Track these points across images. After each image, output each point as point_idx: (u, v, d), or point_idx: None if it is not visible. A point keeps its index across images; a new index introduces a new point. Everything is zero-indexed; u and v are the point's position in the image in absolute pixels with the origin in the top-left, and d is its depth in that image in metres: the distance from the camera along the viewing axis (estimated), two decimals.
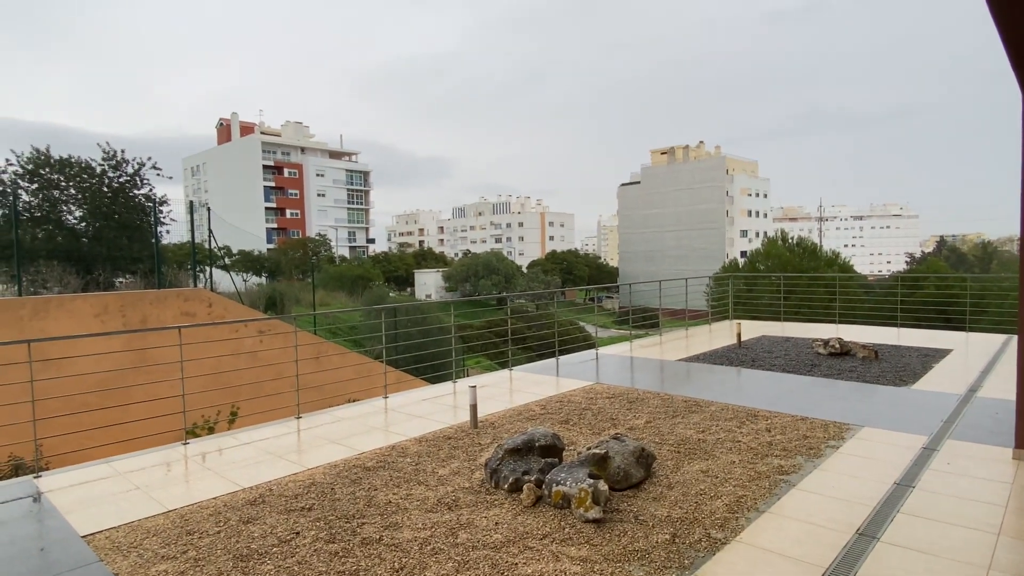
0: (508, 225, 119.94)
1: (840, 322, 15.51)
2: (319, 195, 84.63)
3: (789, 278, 22.39)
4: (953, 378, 8.93)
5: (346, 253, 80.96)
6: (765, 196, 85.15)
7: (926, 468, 5.36)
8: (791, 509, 4.57)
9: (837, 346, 10.87)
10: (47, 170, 22.14)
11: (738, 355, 11.20)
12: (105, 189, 22.84)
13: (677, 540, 4.10)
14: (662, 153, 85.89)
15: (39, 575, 3.89)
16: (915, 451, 5.80)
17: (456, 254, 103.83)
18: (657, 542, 4.08)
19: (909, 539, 4.07)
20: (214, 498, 5.11)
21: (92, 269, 20.88)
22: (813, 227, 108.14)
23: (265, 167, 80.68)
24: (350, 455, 6.15)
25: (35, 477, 5.75)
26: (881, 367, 9.82)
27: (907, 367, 9.77)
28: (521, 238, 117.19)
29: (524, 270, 75.85)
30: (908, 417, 6.97)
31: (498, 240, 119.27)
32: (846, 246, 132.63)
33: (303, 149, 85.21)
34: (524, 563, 3.83)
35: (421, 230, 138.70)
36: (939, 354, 10.78)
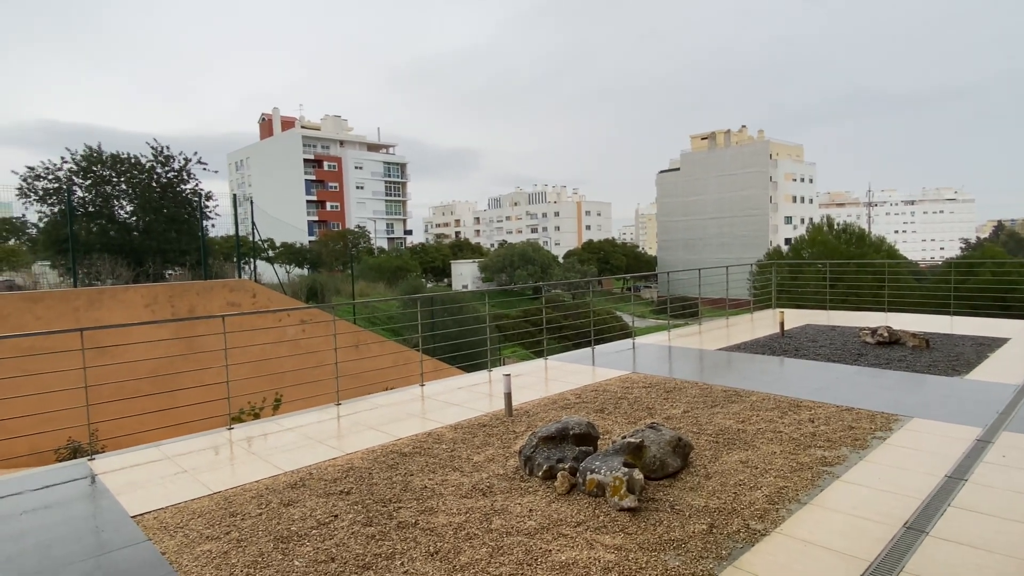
0: (544, 215, 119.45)
1: (889, 310, 14.96)
2: (358, 187, 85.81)
3: (835, 265, 21.71)
4: (1010, 368, 8.52)
5: (384, 245, 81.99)
6: (811, 181, 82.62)
7: (979, 461, 5.13)
8: (835, 501, 4.44)
9: (885, 335, 10.49)
10: (99, 167, 23.03)
11: (781, 344, 10.92)
12: (154, 184, 23.65)
13: (715, 530, 4.03)
14: (702, 139, 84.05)
15: (93, 553, 4.07)
16: (968, 443, 5.55)
17: (492, 245, 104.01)
18: (694, 532, 4.01)
19: (960, 534, 3.90)
20: (257, 481, 5.25)
21: (142, 261, 21.69)
22: (861, 213, 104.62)
23: (306, 161, 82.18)
24: (387, 441, 6.23)
25: (89, 460, 6.02)
26: (932, 356, 9.44)
27: (960, 356, 9.36)
28: (557, 228, 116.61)
29: (560, 260, 75.50)
30: (961, 408, 6.68)
31: (534, 230, 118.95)
32: (897, 232, 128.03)
33: (342, 142, 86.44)
34: (558, 550, 3.82)
35: (457, 221, 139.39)
36: (995, 343, 10.30)
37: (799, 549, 3.78)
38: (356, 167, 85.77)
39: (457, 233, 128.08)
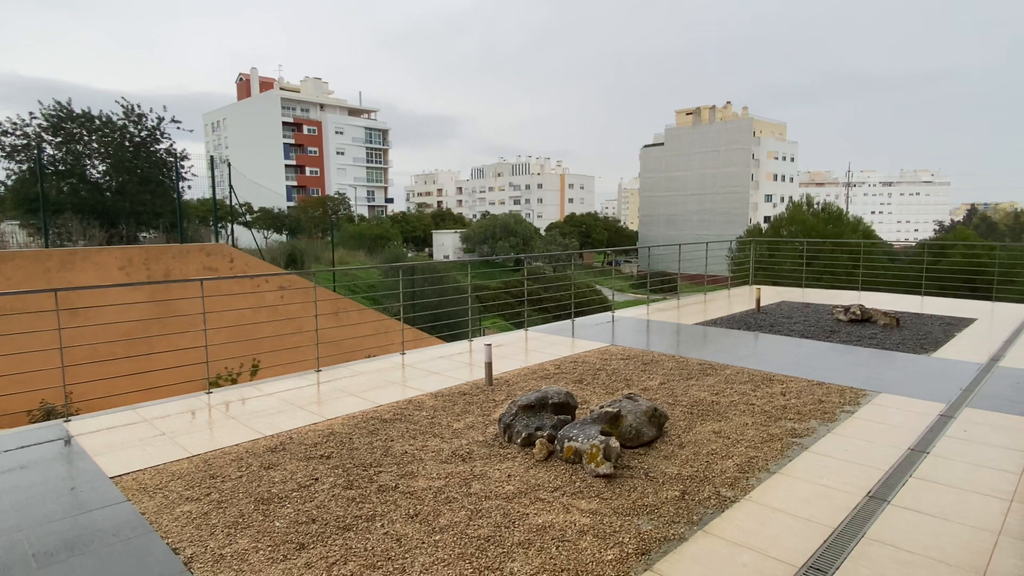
0: (527, 187, 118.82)
1: (863, 289, 15.29)
2: (338, 153, 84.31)
3: (812, 244, 22.02)
4: (975, 347, 8.80)
5: (365, 212, 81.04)
6: (792, 160, 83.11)
7: (942, 435, 5.33)
8: (802, 471, 4.59)
9: (858, 313, 10.74)
10: (70, 124, 22.27)
11: (756, 320, 11.12)
12: (127, 144, 22.97)
13: (686, 497, 4.16)
14: (687, 114, 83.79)
15: (71, 512, 4.07)
16: (932, 418, 5.76)
17: (474, 215, 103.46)
18: (666, 498, 4.13)
19: (920, 503, 4.08)
20: (236, 445, 5.27)
21: (116, 223, 21.20)
22: (840, 192, 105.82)
23: (285, 124, 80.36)
24: (368, 407, 6.27)
25: (65, 421, 5.97)
26: (902, 335, 9.70)
27: (928, 335, 9.64)
28: (540, 200, 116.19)
29: (542, 232, 75.44)
30: (926, 384, 6.91)
31: (517, 202, 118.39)
32: (874, 212, 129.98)
33: (322, 106, 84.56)
34: (535, 514, 3.91)
35: (439, 191, 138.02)
36: (962, 323, 10.61)
37: (767, 515, 3.92)
38: (337, 132, 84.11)
39: (439, 203, 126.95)
